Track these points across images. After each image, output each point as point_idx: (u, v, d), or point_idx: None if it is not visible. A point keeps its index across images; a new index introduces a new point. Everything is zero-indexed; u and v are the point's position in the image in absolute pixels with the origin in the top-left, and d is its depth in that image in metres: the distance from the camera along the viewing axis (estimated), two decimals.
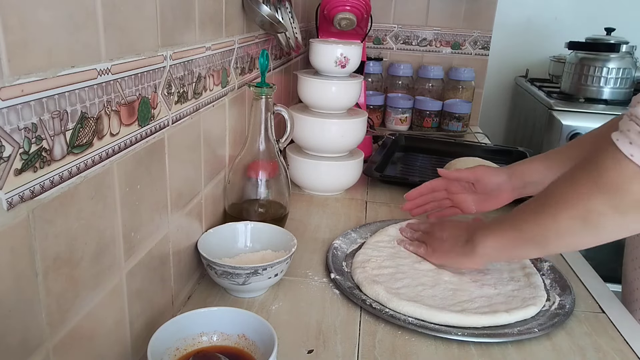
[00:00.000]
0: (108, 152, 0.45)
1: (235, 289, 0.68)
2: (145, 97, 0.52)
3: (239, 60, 0.83)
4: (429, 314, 0.64)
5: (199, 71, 0.66)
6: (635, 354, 0.62)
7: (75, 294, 0.42)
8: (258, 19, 0.82)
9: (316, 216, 0.96)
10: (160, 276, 0.60)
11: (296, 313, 0.66)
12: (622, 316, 0.70)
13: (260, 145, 0.81)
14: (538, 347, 0.62)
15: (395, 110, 1.69)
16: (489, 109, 2.23)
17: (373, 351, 0.60)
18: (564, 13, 2.18)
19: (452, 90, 1.76)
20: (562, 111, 1.70)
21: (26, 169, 0.35)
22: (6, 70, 0.32)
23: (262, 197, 0.83)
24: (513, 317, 0.65)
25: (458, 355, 0.60)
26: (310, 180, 1.06)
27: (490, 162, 1.19)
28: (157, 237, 0.58)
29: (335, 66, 1.02)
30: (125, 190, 0.49)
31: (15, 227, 0.34)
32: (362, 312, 0.67)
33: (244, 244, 0.76)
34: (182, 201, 0.64)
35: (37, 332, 0.38)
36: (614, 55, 1.74)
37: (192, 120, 0.65)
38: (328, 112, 1.05)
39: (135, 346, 0.54)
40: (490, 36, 1.82)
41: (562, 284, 0.74)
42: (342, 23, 1.14)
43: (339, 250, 0.81)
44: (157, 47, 0.53)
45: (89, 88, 0.41)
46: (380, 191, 1.12)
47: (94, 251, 0.44)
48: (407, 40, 1.86)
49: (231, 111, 0.81)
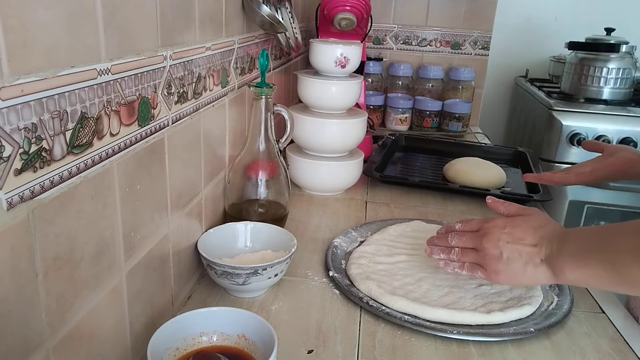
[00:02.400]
0: (108, 152, 0.45)
1: (235, 289, 0.68)
2: (145, 97, 0.52)
3: (239, 60, 0.83)
4: (422, 310, 0.65)
5: (199, 71, 0.66)
6: (635, 354, 0.62)
7: (75, 294, 0.42)
8: (258, 19, 0.82)
9: (316, 216, 0.96)
10: (160, 276, 0.60)
11: (296, 313, 0.66)
12: (622, 316, 0.70)
13: (260, 145, 0.81)
14: (538, 347, 0.62)
15: (395, 110, 1.69)
16: (489, 109, 2.23)
17: (373, 351, 0.60)
18: (564, 13, 2.18)
19: (452, 90, 1.76)
20: (562, 111, 1.70)
21: (26, 169, 0.35)
22: (6, 70, 0.32)
23: (262, 197, 0.83)
24: (508, 316, 0.65)
25: (458, 354, 0.60)
26: (310, 180, 1.06)
27: (490, 162, 1.19)
28: (157, 237, 0.58)
29: (335, 66, 1.02)
30: (125, 190, 0.49)
31: (15, 227, 0.34)
32: (362, 312, 0.67)
33: (244, 244, 0.76)
34: (182, 201, 0.64)
35: (37, 332, 0.38)
36: (614, 56, 1.74)
37: (192, 120, 0.65)
38: (328, 112, 1.05)
39: (135, 346, 0.54)
40: (490, 36, 1.82)
41: (561, 285, 0.74)
42: (342, 23, 1.14)
43: (339, 249, 0.81)
44: (157, 47, 0.53)
45: (89, 88, 0.41)
46: (380, 191, 1.12)
47: (94, 251, 0.44)
48: (407, 40, 1.86)
49: (231, 111, 0.81)
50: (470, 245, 0.66)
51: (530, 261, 0.61)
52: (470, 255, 0.66)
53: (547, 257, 0.59)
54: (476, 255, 0.65)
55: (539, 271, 0.60)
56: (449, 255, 0.68)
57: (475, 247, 0.65)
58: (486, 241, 0.63)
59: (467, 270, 0.66)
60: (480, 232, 0.65)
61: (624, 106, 1.71)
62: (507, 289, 0.71)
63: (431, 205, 1.06)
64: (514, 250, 0.61)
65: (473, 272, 0.66)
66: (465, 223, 0.69)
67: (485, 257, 0.63)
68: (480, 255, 0.64)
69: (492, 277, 0.63)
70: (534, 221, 0.63)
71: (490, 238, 0.63)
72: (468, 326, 0.64)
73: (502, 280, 0.63)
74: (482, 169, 1.15)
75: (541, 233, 0.61)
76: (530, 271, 0.61)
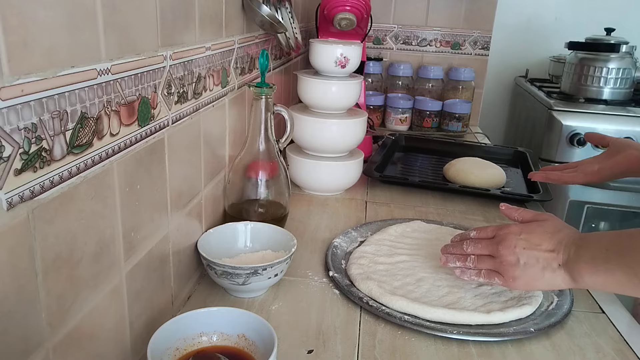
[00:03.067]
0: (108, 152, 0.45)
1: (235, 289, 0.68)
2: (145, 97, 0.52)
3: (239, 60, 0.83)
4: (422, 310, 0.65)
5: (199, 71, 0.66)
6: (635, 354, 0.62)
7: (75, 294, 0.42)
8: (258, 19, 0.82)
9: (316, 216, 0.96)
10: (160, 276, 0.60)
11: (296, 313, 0.66)
12: (622, 316, 0.70)
13: (260, 146, 0.81)
14: (538, 347, 0.62)
15: (395, 110, 1.69)
16: (489, 109, 2.23)
17: (373, 351, 0.60)
18: (564, 13, 2.18)
19: (452, 90, 1.76)
20: (562, 111, 1.70)
21: (26, 169, 0.35)
22: (6, 70, 0.32)
23: (262, 197, 0.83)
24: (508, 316, 0.65)
25: (458, 355, 0.60)
26: (310, 180, 1.06)
27: (490, 162, 1.19)
28: (157, 237, 0.58)
29: (335, 66, 1.02)
30: (125, 190, 0.49)
31: (15, 227, 0.34)
32: (362, 312, 0.67)
33: (244, 244, 0.76)
34: (182, 201, 0.64)
35: (37, 331, 0.38)
36: (614, 56, 1.74)
37: (192, 120, 0.65)
38: (328, 112, 1.05)
39: (135, 346, 0.54)
40: (490, 36, 1.82)
41: None
42: (342, 23, 1.14)
43: (339, 249, 0.81)
44: (157, 47, 0.53)
45: (89, 88, 0.41)
46: (380, 191, 1.12)
47: (94, 251, 0.44)
48: (407, 41, 1.86)
49: (231, 111, 0.81)
50: (486, 252, 0.66)
51: (548, 266, 0.60)
52: (486, 262, 0.66)
53: (565, 262, 0.59)
54: (493, 262, 0.65)
55: (557, 276, 0.60)
56: (465, 263, 0.67)
57: (491, 254, 0.65)
58: (502, 248, 0.63)
59: (484, 277, 0.66)
60: (496, 239, 0.65)
61: (624, 106, 1.71)
62: (507, 289, 0.71)
63: (431, 205, 1.06)
64: (531, 256, 0.61)
65: (490, 279, 0.65)
66: (480, 230, 0.69)
67: (502, 264, 0.63)
68: (497, 262, 0.64)
69: (510, 283, 0.63)
70: (550, 227, 0.63)
71: (506, 245, 0.63)
72: (468, 326, 0.64)
73: (519, 286, 0.63)
74: (482, 169, 1.15)
75: (558, 238, 0.61)
76: (548, 276, 0.60)
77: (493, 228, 0.68)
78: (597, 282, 0.57)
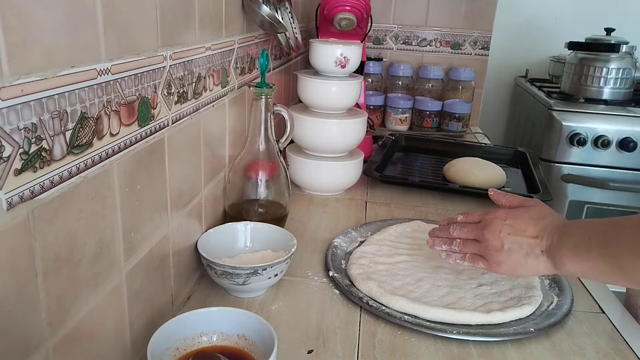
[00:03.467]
0: (108, 152, 0.45)
1: (235, 289, 0.68)
2: (145, 97, 0.52)
3: (239, 60, 0.83)
4: (422, 310, 0.65)
5: (199, 71, 0.66)
6: (635, 354, 0.62)
7: (75, 294, 0.42)
8: (258, 19, 0.82)
9: (316, 216, 0.96)
10: (160, 276, 0.60)
11: (296, 313, 0.66)
12: (622, 316, 0.70)
13: (260, 146, 0.81)
14: (538, 347, 0.62)
15: (395, 110, 1.69)
16: (489, 109, 2.23)
17: (373, 351, 0.60)
18: (564, 13, 2.18)
19: (452, 90, 1.76)
20: (562, 111, 1.70)
21: (26, 169, 0.35)
22: (6, 70, 0.32)
23: (262, 197, 0.83)
24: (507, 316, 0.65)
25: (458, 355, 0.60)
26: (310, 180, 1.06)
27: (490, 162, 1.19)
28: (157, 237, 0.58)
29: (335, 66, 1.02)
30: (125, 190, 0.49)
31: (15, 227, 0.34)
32: (362, 312, 0.67)
33: (244, 244, 0.76)
34: (182, 201, 0.64)
35: (37, 332, 0.38)
36: (614, 56, 1.74)
37: (192, 120, 0.65)
38: (328, 112, 1.05)
39: (135, 346, 0.54)
40: (490, 36, 1.82)
41: (561, 285, 0.74)
42: (342, 23, 1.14)
43: (339, 249, 0.81)
44: (157, 47, 0.53)
45: (89, 88, 0.41)
46: (380, 191, 1.12)
47: (93, 251, 0.44)
48: (407, 41, 1.86)
49: (231, 111, 0.81)
50: (471, 236, 0.67)
51: (531, 252, 0.61)
52: (471, 246, 0.66)
53: (548, 249, 0.60)
54: (478, 247, 0.66)
55: (539, 262, 0.61)
56: (450, 247, 0.68)
57: (476, 238, 0.66)
58: (487, 232, 0.64)
59: (469, 261, 0.67)
60: (482, 223, 0.66)
61: (624, 106, 1.71)
62: (507, 289, 0.71)
63: (431, 205, 1.06)
64: (514, 242, 0.62)
65: (474, 263, 0.66)
66: (466, 214, 0.70)
67: (487, 249, 0.64)
68: (482, 247, 0.65)
69: (494, 267, 0.64)
70: (535, 213, 0.64)
71: (491, 229, 0.64)
72: (468, 326, 0.64)
73: (503, 270, 0.64)
74: (482, 169, 1.15)
75: (542, 224, 0.62)
76: (531, 262, 0.61)
77: (480, 212, 0.68)
78: (579, 269, 0.58)
